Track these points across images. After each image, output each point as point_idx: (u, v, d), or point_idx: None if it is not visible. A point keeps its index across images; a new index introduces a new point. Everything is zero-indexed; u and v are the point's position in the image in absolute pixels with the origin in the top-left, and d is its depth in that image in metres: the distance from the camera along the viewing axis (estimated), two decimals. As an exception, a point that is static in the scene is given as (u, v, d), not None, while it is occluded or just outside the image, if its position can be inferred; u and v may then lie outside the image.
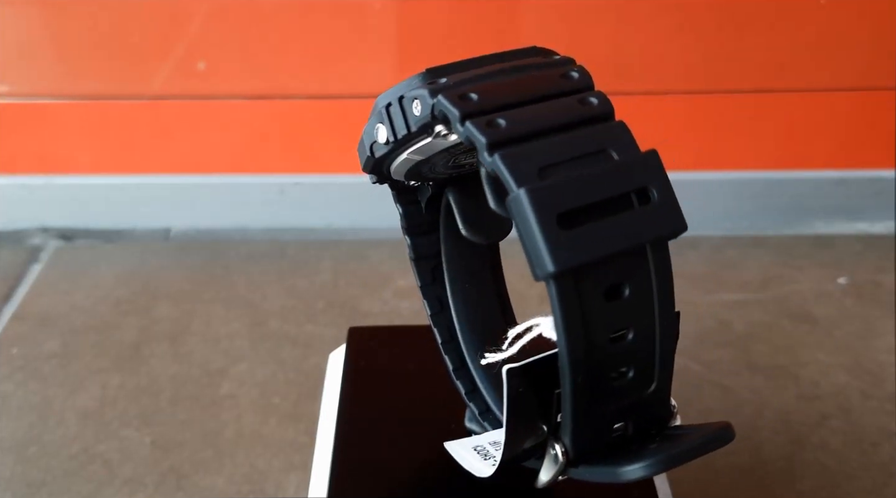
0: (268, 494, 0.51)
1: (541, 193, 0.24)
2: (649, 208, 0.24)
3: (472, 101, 0.25)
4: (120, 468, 0.52)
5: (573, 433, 0.26)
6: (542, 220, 0.23)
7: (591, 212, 0.24)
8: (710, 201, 0.75)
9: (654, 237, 0.24)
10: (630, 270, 0.25)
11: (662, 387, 0.26)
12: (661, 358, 0.26)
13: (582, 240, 0.24)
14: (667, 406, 0.27)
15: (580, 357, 0.25)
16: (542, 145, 0.25)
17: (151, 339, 0.63)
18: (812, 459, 0.52)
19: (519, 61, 0.28)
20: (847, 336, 0.63)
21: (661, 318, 0.25)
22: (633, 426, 0.27)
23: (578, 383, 0.25)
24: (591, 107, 0.26)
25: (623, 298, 0.25)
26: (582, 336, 0.24)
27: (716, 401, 0.56)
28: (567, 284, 0.24)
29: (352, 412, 0.38)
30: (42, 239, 0.75)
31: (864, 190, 0.74)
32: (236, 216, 0.75)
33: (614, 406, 0.26)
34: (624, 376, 0.26)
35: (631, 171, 0.25)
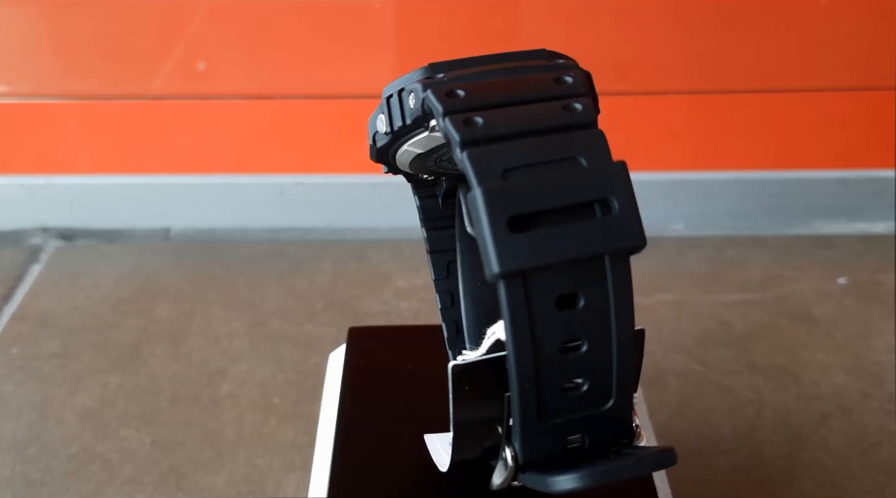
0: (268, 494, 0.51)
1: (496, 193, 0.24)
2: (608, 220, 0.24)
3: (458, 98, 0.26)
4: (120, 468, 0.52)
5: (522, 439, 0.26)
6: (493, 220, 0.23)
7: (546, 217, 0.24)
8: (711, 201, 0.75)
9: (607, 250, 0.24)
10: (585, 281, 0.25)
11: (622, 404, 0.26)
12: (619, 375, 0.26)
13: (532, 244, 0.24)
14: (626, 424, 0.27)
15: (527, 362, 0.25)
16: (513, 147, 0.25)
17: (151, 339, 0.63)
18: (812, 459, 0.52)
19: (520, 62, 0.28)
20: (847, 336, 0.62)
21: (619, 333, 0.25)
22: (589, 440, 0.27)
23: (526, 389, 0.25)
24: (574, 113, 0.25)
25: (577, 308, 0.25)
26: (529, 341, 0.24)
27: (716, 401, 0.56)
28: (515, 286, 0.24)
29: (352, 412, 0.38)
30: (42, 239, 0.75)
31: (864, 190, 0.74)
32: (236, 216, 0.75)
33: (567, 417, 0.26)
34: (578, 389, 0.26)
35: (595, 180, 0.24)
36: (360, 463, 0.36)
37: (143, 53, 0.69)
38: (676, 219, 0.75)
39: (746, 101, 0.71)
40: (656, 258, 0.72)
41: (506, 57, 0.28)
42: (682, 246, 0.73)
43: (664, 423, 0.54)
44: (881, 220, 0.75)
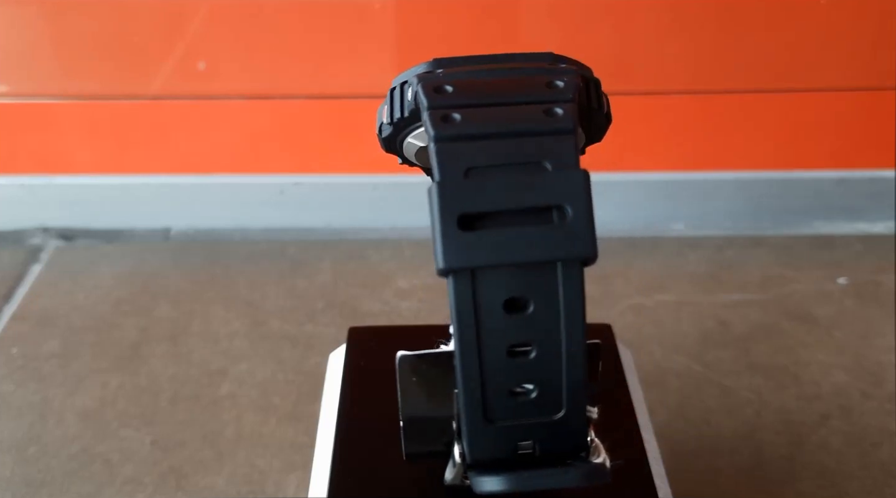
0: (268, 494, 0.51)
1: (449, 190, 0.24)
2: (561, 227, 0.24)
3: (445, 94, 0.26)
4: (120, 468, 0.52)
5: (468, 438, 0.26)
6: (443, 216, 0.24)
7: (499, 219, 0.24)
8: (710, 201, 0.75)
9: (552, 257, 0.24)
10: (535, 287, 0.25)
11: (573, 416, 0.26)
12: (568, 385, 0.26)
13: (478, 243, 0.24)
14: (579, 436, 0.27)
15: (472, 361, 0.25)
16: (482, 147, 0.25)
17: (151, 339, 0.63)
18: (812, 460, 0.52)
19: (521, 64, 0.28)
20: (847, 336, 0.62)
21: (568, 343, 0.25)
22: (539, 448, 0.27)
23: (471, 387, 0.25)
24: (554, 118, 0.25)
25: (527, 313, 0.25)
26: (474, 340, 0.25)
27: (716, 401, 0.56)
28: (463, 284, 0.24)
29: (352, 412, 0.38)
30: (42, 239, 0.75)
31: (864, 190, 0.74)
32: (236, 216, 0.75)
33: (516, 422, 0.26)
34: (527, 394, 0.26)
35: (552, 186, 0.24)
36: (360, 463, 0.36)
37: (143, 53, 0.69)
38: (676, 219, 0.75)
39: (747, 101, 0.71)
40: (656, 258, 0.72)
41: (509, 57, 0.28)
42: (682, 246, 0.73)
43: (664, 423, 0.54)
44: (881, 220, 0.75)
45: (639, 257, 0.72)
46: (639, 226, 0.75)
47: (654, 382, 0.57)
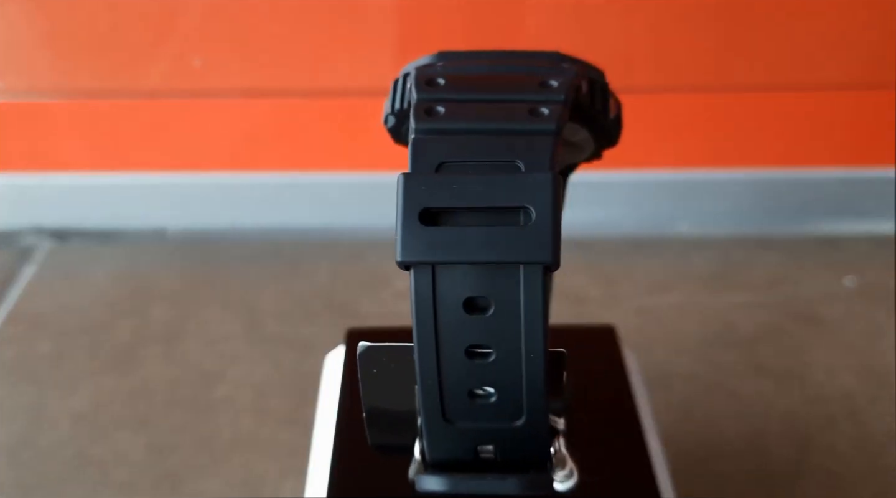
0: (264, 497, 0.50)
1: (414, 183, 0.24)
2: (523, 230, 0.24)
3: (436, 87, 0.26)
4: (114, 472, 0.52)
5: (427, 435, 0.27)
6: (405, 209, 0.24)
7: (461, 216, 0.24)
8: (716, 201, 0.75)
9: (508, 259, 0.24)
10: (495, 288, 0.24)
11: (534, 425, 0.26)
12: (528, 393, 0.25)
13: (437, 239, 0.24)
14: (540, 446, 0.27)
15: (429, 358, 0.25)
16: (459, 142, 0.25)
17: (146, 340, 0.62)
18: (819, 462, 0.52)
19: (523, 61, 0.28)
20: (854, 337, 0.62)
21: (527, 350, 0.25)
22: (500, 454, 0.27)
23: (428, 384, 0.25)
24: (537, 118, 0.25)
25: (486, 314, 0.25)
26: (432, 337, 0.25)
27: (722, 403, 0.56)
28: (423, 280, 0.24)
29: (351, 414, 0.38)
30: (35, 239, 0.74)
31: (871, 190, 0.74)
32: (232, 216, 0.75)
33: (475, 424, 0.26)
34: (487, 398, 0.26)
35: (519, 188, 0.24)
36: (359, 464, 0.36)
37: (137, 50, 0.69)
38: (681, 218, 0.75)
39: (754, 99, 0.71)
40: (661, 259, 0.71)
41: (514, 55, 0.28)
42: (687, 246, 0.73)
43: (670, 426, 0.53)
44: (889, 220, 0.75)
45: (644, 258, 0.72)
46: (644, 226, 0.75)
47: (659, 385, 0.57)
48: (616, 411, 0.41)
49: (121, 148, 0.73)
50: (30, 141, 0.72)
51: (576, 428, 0.39)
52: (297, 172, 0.73)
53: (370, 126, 0.71)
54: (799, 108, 0.71)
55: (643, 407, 0.41)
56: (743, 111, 0.71)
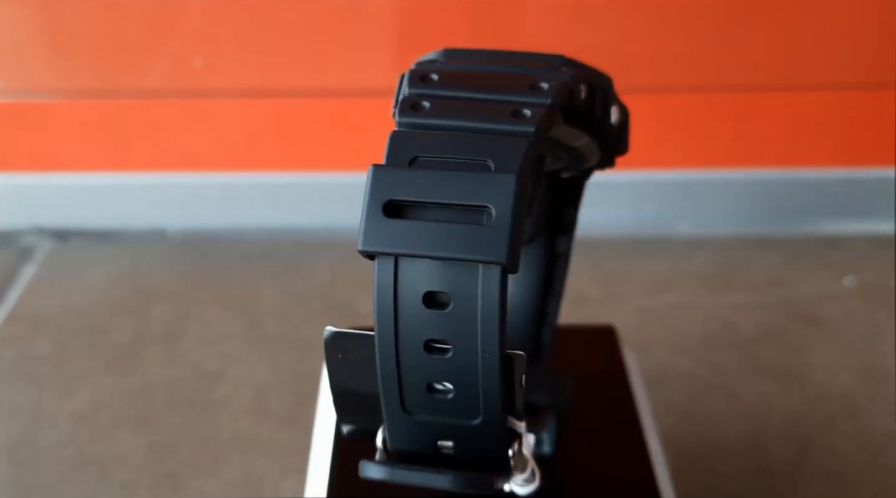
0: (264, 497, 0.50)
1: (382, 175, 0.25)
2: (481, 229, 0.24)
3: (428, 83, 0.26)
4: (114, 472, 0.51)
5: (388, 425, 0.27)
6: (371, 199, 0.25)
7: (425, 211, 0.24)
8: (716, 201, 0.74)
9: (463, 256, 0.24)
10: (454, 285, 0.24)
11: (490, 425, 0.26)
12: (484, 393, 0.26)
13: (397, 231, 0.24)
14: (497, 447, 0.27)
15: (388, 348, 0.25)
16: (434, 138, 0.25)
17: (146, 340, 0.62)
18: (819, 462, 0.52)
19: (524, 62, 0.28)
20: (854, 338, 0.62)
21: (483, 349, 0.25)
22: (458, 451, 0.27)
23: (387, 373, 0.26)
24: (519, 119, 0.25)
25: (445, 310, 0.25)
26: (391, 327, 0.25)
27: (721, 404, 0.56)
28: (385, 270, 0.25)
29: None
30: (35, 239, 0.74)
31: (871, 190, 0.74)
32: (232, 216, 0.75)
33: (434, 418, 0.26)
34: (445, 393, 0.26)
35: (483, 187, 0.24)
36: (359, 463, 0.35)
37: (138, 50, 0.69)
38: (681, 218, 0.75)
39: (753, 99, 0.71)
40: (661, 259, 0.71)
41: (516, 55, 0.28)
42: (686, 246, 0.73)
43: (669, 426, 0.53)
44: (888, 220, 0.75)
45: (644, 258, 0.71)
46: (643, 226, 0.75)
47: (659, 385, 0.57)
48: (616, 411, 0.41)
49: (121, 148, 0.73)
50: (30, 141, 0.72)
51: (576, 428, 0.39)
52: (297, 172, 0.73)
53: (370, 126, 0.71)
54: (799, 108, 0.71)
55: (643, 407, 0.41)
56: (743, 111, 0.71)
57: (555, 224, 0.37)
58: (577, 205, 0.37)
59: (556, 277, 0.38)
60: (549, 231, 0.37)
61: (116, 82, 0.70)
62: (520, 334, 0.37)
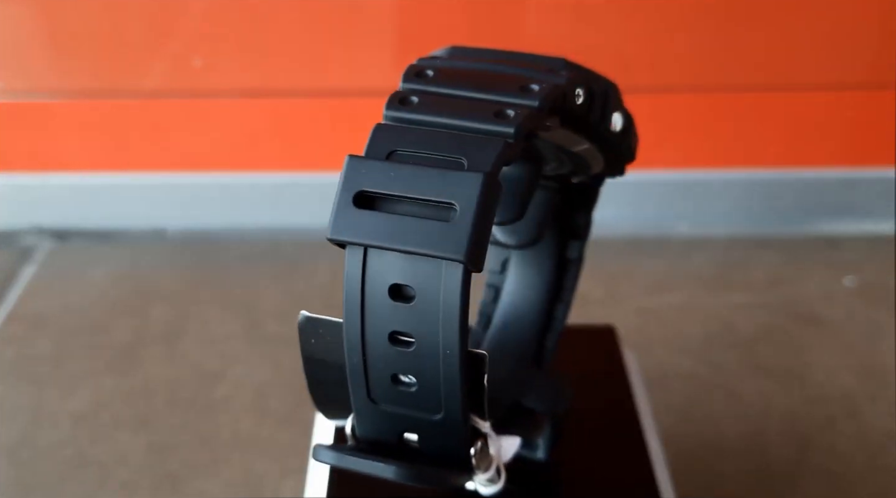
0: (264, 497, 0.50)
1: (356, 166, 0.25)
2: (445, 225, 0.24)
3: (423, 79, 0.27)
4: (114, 472, 0.51)
5: (356, 413, 0.27)
6: (343, 189, 0.25)
7: (395, 204, 0.25)
8: (716, 201, 0.74)
9: (424, 250, 0.24)
10: (419, 279, 0.25)
11: (452, 423, 0.26)
12: (444, 389, 0.26)
13: (364, 222, 0.25)
14: (458, 444, 0.27)
15: (355, 336, 0.26)
16: (414, 133, 0.26)
17: (146, 340, 0.62)
18: (819, 463, 0.51)
19: (524, 64, 0.28)
20: (854, 338, 0.62)
21: (444, 345, 0.25)
22: (422, 445, 0.27)
23: (354, 362, 0.26)
24: (500, 119, 0.25)
25: (410, 303, 0.25)
26: (358, 316, 0.26)
27: (721, 404, 0.56)
28: (354, 260, 0.25)
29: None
30: (35, 239, 0.74)
31: (871, 190, 0.74)
32: (233, 216, 0.75)
33: (398, 409, 0.27)
34: (409, 386, 0.26)
35: (449, 184, 0.24)
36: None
37: (138, 50, 0.69)
38: (681, 218, 0.75)
39: (753, 99, 0.71)
40: (661, 259, 0.71)
41: (519, 56, 0.29)
42: (686, 246, 0.73)
43: (669, 426, 0.53)
44: (888, 220, 0.74)
45: (644, 258, 0.71)
46: (643, 226, 0.75)
47: (659, 385, 0.57)
48: (616, 411, 0.41)
49: (121, 148, 0.73)
50: (30, 141, 0.72)
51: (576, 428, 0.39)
52: (297, 172, 0.73)
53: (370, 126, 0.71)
54: (799, 108, 0.71)
55: (643, 407, 0.41)
56: (743, 111, 0.71)
57: (566, 228, 0.37)
58: (589, 210, 0.37)
59: (566, 284, 0.38)
60: (559, 235, 0.37)
61: (116, 82, 0.70)
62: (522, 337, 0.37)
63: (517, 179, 0.29)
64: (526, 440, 0.36)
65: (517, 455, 0.36)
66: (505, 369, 0.37)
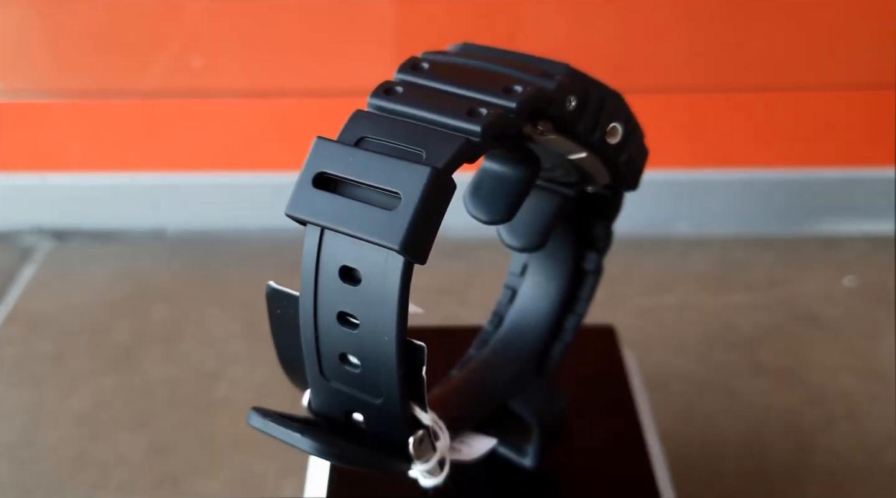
0: None
1: (321, 148, 0.26)
2: (387, 212, 0.25)
3: (416, 71, 0.28)
4: (114, 472, 0.51)
5: (311, 386, 0.29)
6: (305, 168, 0.26)
7: (350, 187, 0.25)
8: (716, 201, 0.74)
9: (361, 234, 0.25)
10: (366, 264, 0.25)
11: (390, 408, 0.27)
12: (382, 374, 0.26)
13: (318, 202, 0.25)
14: (397, 431, 0.27)
15: (308, 311, 0.27)
16: (385, 122, 0.26)
17: (146, 340, 0.62)
18: (819, 463, 0.51)
19: (520, 65, 0.28)
20: (854, 338, 0.62)
21: (382, 330, 0.26)
22: (367, 426, 0.28)
23: (308, 337, 0.27)
24: (471, 117, 0.26)
25: (356, 285, 0.26)
26: (312, 294, 0.26)
27: (721, 404, 0.56)
28: (311, 239, 0.26)
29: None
30: (35, 239, 0.74)
31: (871, 190, 0.74)
32: (233, 216, 0.75)
33: (345, 387, 0.27)
34: (354, 367, 0.27)
35: (399, 173, 0.25)
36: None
37: (137, 50, 0.68)
38: (681, 218, 0.75)
39: (753, 99, 0.71)
40: (660, 259, 0.71)
41: (519, 58, 0.29)
42: (686, 246, 0.73)
43: (669, 426, 0.53)
44: (888, 220, 0.74)
45: (643, 258, 0.71)
46: (643, 226, 0.74)
47: (659, 385, 0.57)
48: (616, 411, 0.41)
49: (121, 148, 0.73)
50: (30, 141, 0.72)
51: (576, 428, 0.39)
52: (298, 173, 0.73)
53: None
54: (799, 108, 0.71)
55: (643, 407, 0.41)
56: (743, 111, 0.71)
57: (583, 239, 0.37)
58: (608, 222, 0.37)
59: (581, 296, 0.38)
60: (576, 245, 0.37)
61: (116, 82, 0.70)
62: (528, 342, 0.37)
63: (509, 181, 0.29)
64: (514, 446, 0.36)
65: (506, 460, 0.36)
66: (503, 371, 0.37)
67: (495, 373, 0.37)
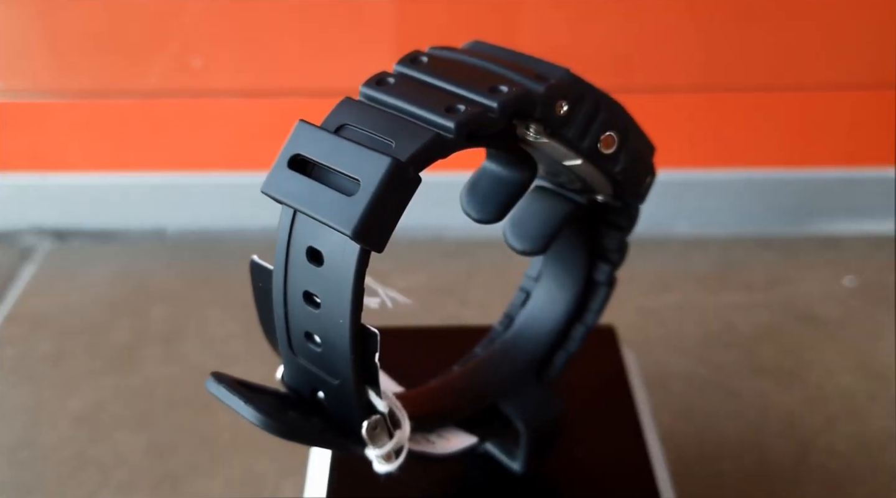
0: None
1: (300, 132, 0.27)
2: (346, 198, 0.25)
3: (414, 64, 0.28)
4: (114, 472, 0.51)
5: (283, 359, 0.29)
6: (284, 149, 0.27)
7: (322, 171, 0.26)
8: (716, 201, 0.74)
9: (317, 216, 0.26)
10: (325, 246, 0.26)
11: (345, 391, 0.27)
12: (338, 356, 0.27)
13: (288, 182, 0.26)
14: (352, 412, 0.28)
15: (280, 287, 0.28)
16: (367, 111, 0.27)
17: (146, 340, 0.62)
18: (818, 463, 0.51)
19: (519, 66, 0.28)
20: (853, 337, 0.62)
21: (338, 313, 0.26)
22: (327, 406, 0.29)
23: (279, 313, 0.28)
24: (447, 113, 0.26)
25: (319, 266, 0.26)
26: (283, 270, 0.27)
27: (721, 403, 0.56)
28: (285, 218, 0.27)
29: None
30: (35, 239, 0.74)
31: (871, 189, 0.74)
32: (233, 216, 0.75)
33: (309, 365, 0.28)
34: (317, 345, 0.28)
35: (361, 161, 0.25)
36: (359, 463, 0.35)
37: (137, 50, 0.68)
38: (681, 218, 0.75)
39: (753, 98, 0.71)
40: (660, 258, 0.71)
41: (521, 59, 0.29)
42: (686, 246, 0.73)
43: (669, 426, 0.53)
44: (888, 220, 0.74)
45: (643, 258, 0.71)
46: (643, 226, 0.74)
47: (659, 385, 0.57)
48: (616, 411, 0.41)
49: (121, 148, 0.73)
50: (30, 141, 0.72)
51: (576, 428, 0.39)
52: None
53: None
54: (799, 108, 0.71)
55: (643, 407, 0.41)
56: (743, 111, 0.71)
57: (594, 248, 0.37)
58: (621, 234, 0.37)
59: (591, 307, 0.38)
60: (588, 255, 0.37)
61: (116, 82, 0.70)
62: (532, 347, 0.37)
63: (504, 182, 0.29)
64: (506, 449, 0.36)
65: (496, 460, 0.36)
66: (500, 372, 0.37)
67: (492, 373, 0.37)
